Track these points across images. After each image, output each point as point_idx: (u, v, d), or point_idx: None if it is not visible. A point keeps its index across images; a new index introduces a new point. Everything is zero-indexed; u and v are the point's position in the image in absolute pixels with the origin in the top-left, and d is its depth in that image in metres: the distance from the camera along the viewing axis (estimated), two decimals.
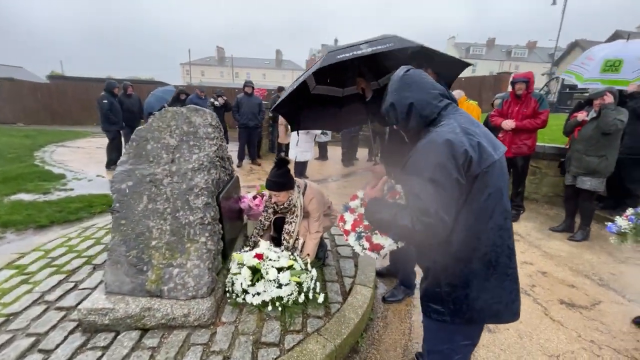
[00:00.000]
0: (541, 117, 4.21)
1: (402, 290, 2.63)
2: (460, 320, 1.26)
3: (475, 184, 1.13)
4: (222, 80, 55.79)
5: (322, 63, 1.86)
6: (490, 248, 1.18)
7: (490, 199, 1.15)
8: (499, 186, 1.16)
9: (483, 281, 1.21)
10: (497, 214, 1.17)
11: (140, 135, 2.29)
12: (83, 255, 2.83)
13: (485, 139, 1.18)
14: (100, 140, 11.03)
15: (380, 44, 1.78)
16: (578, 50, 33.01)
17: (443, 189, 1.08)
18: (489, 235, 1.17)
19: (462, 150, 1.09)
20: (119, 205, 2.16)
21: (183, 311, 1.95)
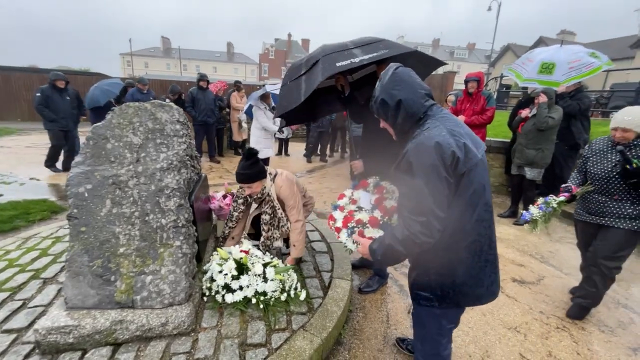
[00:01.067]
0: (487, 114, 4.63)
1: (377, 280, 2.75)
2: (447, 305, 1.37)
3: (461, 181, 1.22)
4: (168, 72, 52.31)
5: (323, 73, 1.79)
6: (474, 238, 1.29)
7: (475, 194, 1.25)
8: (482, 182, 1.27)
9: (468, 268, 1.32)
10: (481, 207, 1.28)
11: (98, 133, 2.08)
12: (28, 269, 2.50)
13: (470, 139, 1.27)
14: (29, 138, 9.76)
15: (375, 50, 1.79)
16: (510, 53, 36.66)
17: (435, 188, 1.17)
18: (473, 226, 1.28)
19: (450, 152, 1.18)
20: (77, 210, 1.95)
21: (160, 320, 1.83)
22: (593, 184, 2.35)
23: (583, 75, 5.08)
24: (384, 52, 1.81)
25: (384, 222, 1.55)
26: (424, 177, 1.17)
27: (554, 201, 2.40)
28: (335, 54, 1.87)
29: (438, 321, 1.44)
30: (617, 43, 25.99)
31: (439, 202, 1.18)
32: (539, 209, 2.44)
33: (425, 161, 1.18)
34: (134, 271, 1.92)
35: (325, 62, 1.86)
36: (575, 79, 5.04)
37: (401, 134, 1.40)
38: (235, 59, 62.62)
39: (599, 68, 5.12)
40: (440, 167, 1.17)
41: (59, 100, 5.81)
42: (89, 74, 17.36)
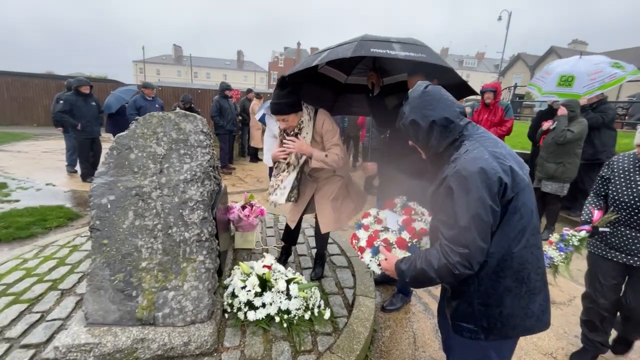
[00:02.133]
0: (506, 125, 4.53)
1: (400, 298, 2.64)
2: (495, 337, 1.26)
3: (509, 207, 1.13)
4: (179, 79, 53.26)
5: (354, 51, 1.68)
6: (523, 266, 1.19)
7: (523, 219, 1.15)
8: (529, 206, 1.17)
9: (516, 298, 1.21)
10: (529, 232, 1.18)
11: (121, 143, 2.05)
12: (45, 279, 2.46)
13: (514, 160, 1.18)
14: (46, 143, 9.92)
15: (414, 51, 1.72)
16: (520, 62, 36.45)
17: (480, 219, 1.08)
18: (521, 253, 1.18)
19: (497, 178, 1.09)
20: (99, 222, 1.90)
21: (182, 339, 1.76)
22: (618, 212, 1.92)
23: (606, 87, 4.93)
24: (421, 56, 1.71)
25: (412, 245, 1.46)
26: (467, 206, 1.08)
27: (574, 238, 1.94)
28: (374, 42, 1.79)
29: (484, 353, 1.33)
30: (632, 53, 25.62)
31: (483, 233, 1.09)
32: (559, 250, 1.96)
33: (469, 189, 1.09)
34: (156, 286, 1.86)
35: (362, 44, 1.76)
36: (598, 90, 4.90)
37: (435, 155, 1.31)
38: (245, 67, 63.55)
39: (623, 78, 4.97)
40: (486, 196, 1.07)
41: (83, 107, 5.65)
42: (105, 81, 17.74)
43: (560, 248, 1.96)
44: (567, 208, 5.09)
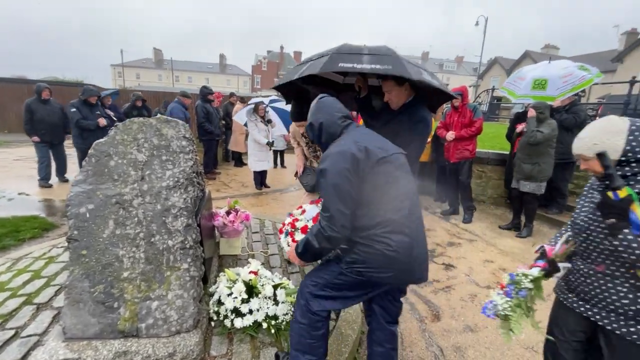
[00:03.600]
0: (475, 125, 4.69)
1: None
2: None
3: (368, 177, 1.42)
4: (160, 84, 52.15)
5: (323, 66, 1.78)
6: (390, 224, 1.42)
7: (386, 185, 1.44)
8: (393, 174, 1.47)
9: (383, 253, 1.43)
10: (397, 197, 1.45)
11: (100, 150, 1.99)
12: (19, 293, 2.35)
13: (374, 144, 1.49)
14: (17, 150, 9.49)
15: (380, 63, 1.77)
16: (497, 66, 37.75)
17: (340, 188, 1.38)
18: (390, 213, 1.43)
19: (350, 155, 1.41)
20: (77, 232, 1.84)
21: (167, 350, 1.72)
22: (575, 238, 1.45)
23: (576, 88, 5.19)
24: (387, 68, 1.76)
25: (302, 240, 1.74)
26: (330, 179, 1.40)
27: (526, 278, 1.43)
28: (345, 55, 1.85)
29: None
30: (599, 57, 27.01)
31: (343, 200, 1.38)
32: (507, 297, 1.46)
33: (330, 166, 1.41)
34: (139, 297, 1.81)
35: (333, 58, 1.83)
36: (569, 92, 5.15)
37: (324, 149, 1.61)
38: (228, 71, 62.96)
39: (590, 80, 5.25)
40: (342, 168, 1.39)
41: (90, 117, 5.71)
42: (82, 85, 17.14)
43: (508, 292, 1.46)
44: (544, 206, 5.30)
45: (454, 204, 5.19)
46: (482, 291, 2.99)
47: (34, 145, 5.75)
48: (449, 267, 3.44)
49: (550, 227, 4.79)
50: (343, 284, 1.53)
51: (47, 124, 5.68)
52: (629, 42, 24.74)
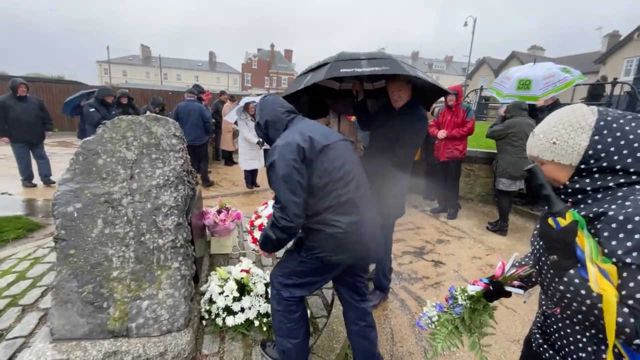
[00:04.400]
0: (467, 126, 4.78)
1: (377, 295, 2.71)
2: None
3: (315, 164, 1.50)
4: (148, 81, 51.17)
5: (327, 73, 1.92)
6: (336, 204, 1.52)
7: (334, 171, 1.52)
8: (341, 160, 1.56)
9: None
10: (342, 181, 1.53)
11: (88, 148, 1.96)
12: (4, 295, 2.30)
13: (318, 133, 1.57)
14: (1, 149, 9.19)
15: (378, 65, 1.90)
16: (485, 66, 38.36)
17: (289, 178, 1.44)
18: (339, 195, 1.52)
19: (295, 145, 1.48)
20: (65, 232, 1.81)
21: (158, 349, 1.71)
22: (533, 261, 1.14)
23: (558, 89, 5.36)
24: (384, 69, 1.88)
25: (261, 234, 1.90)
26: (279, 171, 1.45)
27: (463, 294, 1.23)
28: (344, 61, 1.99)
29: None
30: (583, 58, 27.75)
31: (293, 189, 1.43)
32: (437, 309, 1.30)
33: (278, 159, 1.46)
34: (129, 296, 1.79)
35: (334, 65, 1.98)
36: (552, 92, 5.30)
37: (272, 143, 1.65)
38: (218, 68, 62.23)
39: (572, 82, 5.41)
40: (289, 159, 1.45)
41: (108, 117, 5.46)
42: (64, 82, 16.73)
43: (440, 306, 1.30)
44: (530, 203, 5.43)
45: (443, 202, 5.27)
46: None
47: (11, 145, 5.44)
48: (438, 264, 3.51)
49: (536, 223, 4.91)
50: (306, 271, 1.62)
51: (23, 123, 5.36)
52: (611, 44, 25.48)
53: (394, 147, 2.27)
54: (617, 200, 0.82)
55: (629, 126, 0.85)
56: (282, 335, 1.67)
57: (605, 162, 0.86)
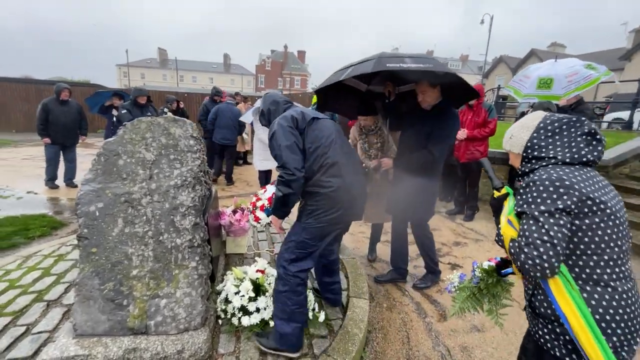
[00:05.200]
0: (489, 126, 4.65)
1: (430, 278, 2.97)
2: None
3: (307, 132, 1.83)
4: (165, 83, 52.39)
5: (374, 67, 2.06)
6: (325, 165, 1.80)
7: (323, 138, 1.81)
8: (327, 131, 1.86)
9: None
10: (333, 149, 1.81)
11: (109, 149, 2.01)
12: (30, 290, 2.38)
13: (308, 111, 1.96)
14: (26, 150, 9.60)
15: (422, 62, 2.04)
16: (502, 65, 37.43)
17: (287, 142, 1.73)
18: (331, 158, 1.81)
19: (290, 116, 1.83)
20: (87, 230, 1.86)
21: (176, 347, 1.73)
22: None
23: (582, 87, 5.13)
24: (428, 66, 2.03)
25: (267, 208, 2.39)
26: (278, 138, 1.75)
27: (478, 268, 1.47)
28: (389, 58, 2.15)
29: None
30: (607, 55, 26.67)
31: (291, 149, 1.72)
32: (460, 279, 1.56)
33: (277, 129, 1.78)
34: (148, 294, 1.82)
35: (380, 61, 2.11)
36: (575, 91, 5.09)
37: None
38: (232, 70, 63.09)
39: (597, 79, 5.17)
40: (286, 127, 1.78)
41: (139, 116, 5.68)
42: (88, 85, 17.31)
43: (461, 276, 1.56)
44: None
45: (459, 203, 5.16)
46: None
47: (45, 145, 5.63)
48: (455, 267, 3.43)
49: None
50: (308, 240, 1.82)
51: (60, 125, 5.56)
52: (638, 40, 24.37)
53: (425, 146, 2.44)
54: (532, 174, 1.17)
55: (559, 128, 1.19)
56: (283, 318, 1.78)
57: (536, 152, 1.21)
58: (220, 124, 6.34)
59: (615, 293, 1.02)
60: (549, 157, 1.17)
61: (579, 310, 1.00)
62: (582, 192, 1.05)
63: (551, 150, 1.18)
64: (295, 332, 1.78)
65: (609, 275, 1.03)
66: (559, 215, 1.04)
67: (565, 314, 1.02)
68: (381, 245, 3.63)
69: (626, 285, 1.04)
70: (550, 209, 1.05)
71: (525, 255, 1.04)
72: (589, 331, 0.98)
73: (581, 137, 1.16)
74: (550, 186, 1.07)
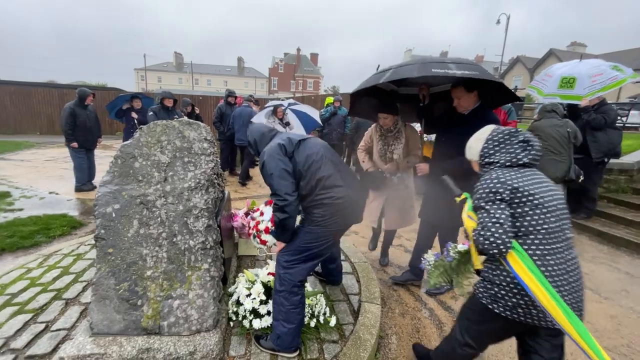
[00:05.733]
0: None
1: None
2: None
3: (294, 158, 1.86)
4: (180, 87, 53.57)
5: (419, 71, 2.05)
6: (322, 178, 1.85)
7: (312, 163, 1.85)
8: (314, 152, 1.89)
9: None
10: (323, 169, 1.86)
11: (126, 152, 2.06)
12: (50, 288, 2.46)
13: (294, 135, 2.01)
14: (48, 151, 9.97)
15: (467, 69, 2.00)
16: (519, 65, 36.58)
17: (277, 170, 1.78)
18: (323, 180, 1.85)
19: (277, 145, 1.87)
20: (104, 231, 1.90)
21: (188, 349, 1.75)
22: None
23: (607, 88, 4.94)
24: (474, 73, 1.98)
25: (272, 230, 2.45)
26: (268, 168, 1.80)
27: (453, 250, 1.72)
28: (433, 63, 2.11)
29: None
30: (631, 55, 25.67)
31: (283, 177, 1.77)
32: (435, 257, 1.82)
33: (266, 159, 1.83)
34: (161, 295, 1.85)
35: (424, 66, 2.09)
36: (598, 92, 4.91)
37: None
38: (246, 73, 63.92)
39: (623, 81, 4.98)
40: (274, 155, 1.82)
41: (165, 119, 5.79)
42: (105, 89, 17.88)
43: (436, 255, 1.82)
44: (572, 211, 5.07)
45: None
46: None
47: (71, 150, 5.66)
48: None
49: (577, 232, 4.58)
50: (311, 242, 1.87)
51: (86, 130, 5.68)
52: None
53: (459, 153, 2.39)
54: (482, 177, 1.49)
55: (503, 138, 1.51)
56: (280, 319, 1.82)
57: (487, 159, 1.53)
58: (236, 127, 6.52)
59: (554, 262, 1.30)
60: (496, 162, 1.50)
61: (534, 275, 1.24)
62: (514, 186, 1.36)
63: (497, 156, 1.50)
64: (290, 333, 1.81)
65: (547, 250, 1.31)
66: (499, 203, 1.36)
67: (525, 281, 1.25)
68: (388, 249, 3.57)
69: (562, 258, 1.31)
70: (492, 199, 1.38)
71: (483, 237, 1.32)
72: (544, 290, 1.21)
73: (517, 144, 1.47)
74: (491, 183, 1.40)
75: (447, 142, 2.55)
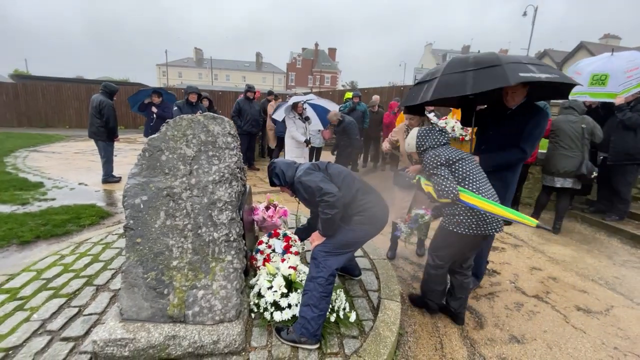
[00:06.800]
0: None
1: (472, 281, 2.79)
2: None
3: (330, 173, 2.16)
4: (200, 82, 54.54)
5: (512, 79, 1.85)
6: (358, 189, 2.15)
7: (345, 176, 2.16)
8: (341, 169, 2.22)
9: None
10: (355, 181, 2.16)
11: (153, 145, 2.11)
12: (81, 275, 2.58)
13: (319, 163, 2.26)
14: (77, 144, 10.41)
15: (549, 72, 1.93)
16: (547, 59, 34.96)
17: (323, 181, 2.01)
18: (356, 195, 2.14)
19: (308, 166, 2.19)
20: (133, 222, 1.97)
21: (212, 338, 1.79)
22: None
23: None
24: (556, 77, 1.92)
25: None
26: (307, 182, 2.03)
27: (422, 219, 2.49)
28: (515, 65, 1.97)
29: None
30: None
31: (324, 181, 2.01)
32: (409, 226, 2.55)
33: (303, 178, 2.08)
34: (186, 285, 1.90)
35: (512, 70, 1.91)
36: (635, 88, 4.62)
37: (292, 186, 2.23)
38: (264, 68, 64.31)
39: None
40: (310, 172, 2.10)
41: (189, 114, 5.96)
42: (129, 84, 18.42)
43: (411, 224, 2.54)
44: (602, 212, 4.84)
45: None
46: (530, 301, 2.80)
47: (105, 144, 5.81)
48: (493, 273, 3.26)
49: (608, 234, 4.38)
50: (350, 240, 2.09)
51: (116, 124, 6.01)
52: None
53: (517, 144, 2.45)
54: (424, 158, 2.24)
55: (427, 133, 2.27)
56: (309, 303, 1.90)
57: (422, 147, 2.26)
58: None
59: (482, 189, 2.06)
60: (429, 147, 2.23)
61: (474, 197, 1.98)
62: (445, 156, 2.11)
63: (428, 143, 2.24)
64: (319, 318, 1.87)
65: (476, 184, 2.07)
66: (441, 167, 2.09)
67: (471, 202, 1.97)
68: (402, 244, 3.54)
69: (485, 185, 2.10)
70: (436, 165, 2.10)
71: (441, 191, 2.04)
72: (482, 201, 1.95)
73: (437, 133, 2.26)
74: (432, 159, 2.13)
75: (500, 137, 2.54)
